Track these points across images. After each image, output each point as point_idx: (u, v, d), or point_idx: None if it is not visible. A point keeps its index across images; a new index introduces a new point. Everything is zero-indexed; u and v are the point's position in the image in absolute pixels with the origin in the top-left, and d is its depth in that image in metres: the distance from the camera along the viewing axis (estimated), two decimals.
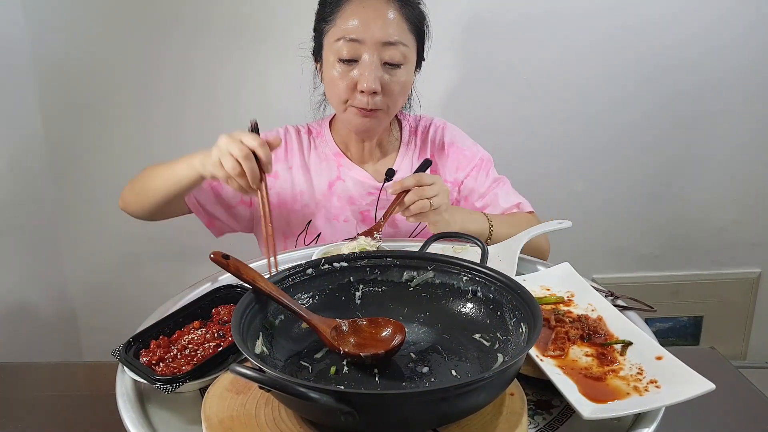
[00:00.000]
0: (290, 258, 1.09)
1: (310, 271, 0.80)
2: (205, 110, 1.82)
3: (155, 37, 1.74)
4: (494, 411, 0.66)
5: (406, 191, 1.07)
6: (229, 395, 0.68)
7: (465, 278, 0.80)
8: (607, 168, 1.98)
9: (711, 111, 1.93)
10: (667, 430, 0.68)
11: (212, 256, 0.74)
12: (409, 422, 0.59)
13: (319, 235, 1.31)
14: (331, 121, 1.37)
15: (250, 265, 0.75)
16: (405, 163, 1.34)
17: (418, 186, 1.07)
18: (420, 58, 1.26)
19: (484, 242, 0.89)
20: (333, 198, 1.31)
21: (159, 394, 0.73)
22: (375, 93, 1.16)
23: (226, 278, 0.97)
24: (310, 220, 1.31)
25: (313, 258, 0.87)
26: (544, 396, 0.74)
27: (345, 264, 0.82)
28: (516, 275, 0.97)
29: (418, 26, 1.21)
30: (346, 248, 1.05)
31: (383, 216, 1.14)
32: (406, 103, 1.34)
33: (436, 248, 0.99)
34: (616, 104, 1.91)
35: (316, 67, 1.29)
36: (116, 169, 1.85)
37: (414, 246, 1.00)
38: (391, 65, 1.17)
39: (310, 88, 1.35)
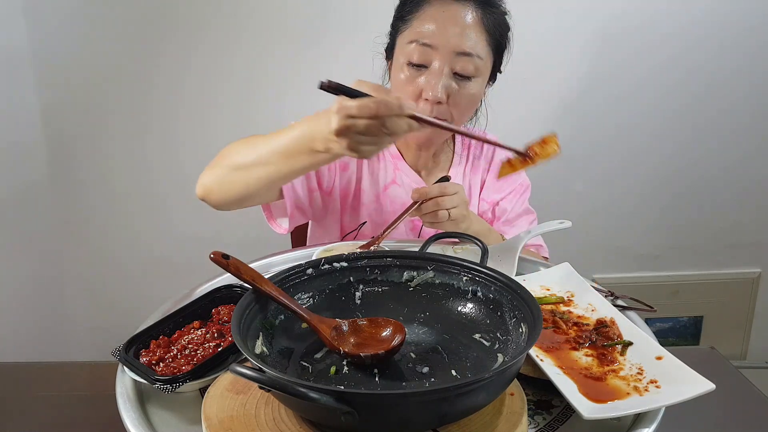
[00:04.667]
0: (290, 258, 1.09)
1: (310, 271, 0.80)
2: (206, 111, 1.82)
3: (155, 38, 1.74)
4: (494, 411, 0.66)
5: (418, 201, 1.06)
6: (229, 395, 0.68)
7: (465, 278, 0.80)
8: (607, 168, 1.98)
9: (711, 111, 1.93)
10: (667, 430, 0.68)
11: (212, 256, 0.74)
12: (409, 422, 0.59)
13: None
14: None
15: (250, 265, 0.75)
16: (457, 177, 1.30)
17: (441, 196, 1.06)
18: (496, 70, 1.21)
19: (484, 243, 0.89)
20: (386, 201, 1.26)
21: (159, 394, 0.73)
22: (439, 103, 1.10)
23: (226, 278, 0.97)
24: (365, 222, 1.26)
25: (313, 258, 0.87)
26: (544, 396, 0.74)
27: (345, 264, 0.82)
28: (516, 275, 0.97)
29: (498, 39, 1.15)
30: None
31: (385, 228, 1.10)
32: (473, 115, 1.27)
33: (436, 248, 0.99)
34: (616, 104, 1.91)
35: (387, 64, 1.24)
36: (116, 170, 1.85)
37: (414, 246, 1.00)
38: (461, 76, 1.11)
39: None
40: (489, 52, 1.14)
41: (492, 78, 1.22)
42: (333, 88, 0.79)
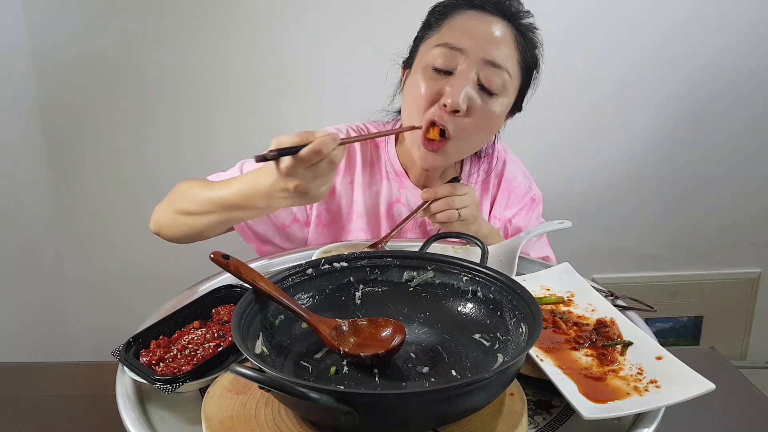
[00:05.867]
0: (290, 258, 1.09)
1: (310, 271, 0.80)
2: (205, 110, 1.82)
3: (155, 37, 1.74)
4: (494, 411, 0.66)
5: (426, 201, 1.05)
6: (229, 395, 0.68)
7: (465, 278, 0.80)
8: (608, 168, 1.98)
9: (711, 111, 1.93)
10: (667, 430, 0.68)
11: (212, 256, 0.74)
12: (409, 422, 0.59)
13: None
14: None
15: (250, 265, 0.75)
16: None
17: (450, 195, 1.04)
18: (520, 100, 1.13)
19: (484, 243, 0.89)
20: (389, 220, 1.21)
21: (159, 394, 0.73)
22: (456, 112, 1.02)
23: (226, 278, 0.97)
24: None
25: (313, 258, 0.87)
26: (544, 396, 0.74)
27: (345, 264, 0.82)
28: (516, 275, 0.96)
29: (527, 65, 1.09)
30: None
31: (393, 228, 1.09)
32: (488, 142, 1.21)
33: (436, 248, 0.98)
34: (617, 104, 1.91)
35: (402, 77, 1.17)
36: (116, 170, 1.85)
37: (414, 246, 1.00)
38: (486, 90, 1.03)
39: (388, 96, 1.23)
40: (518, 73, 1.08)
41: (515, 109, 1.15)
42: (272, 156, 0.81)
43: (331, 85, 1.81)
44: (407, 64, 1.14)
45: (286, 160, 0.81)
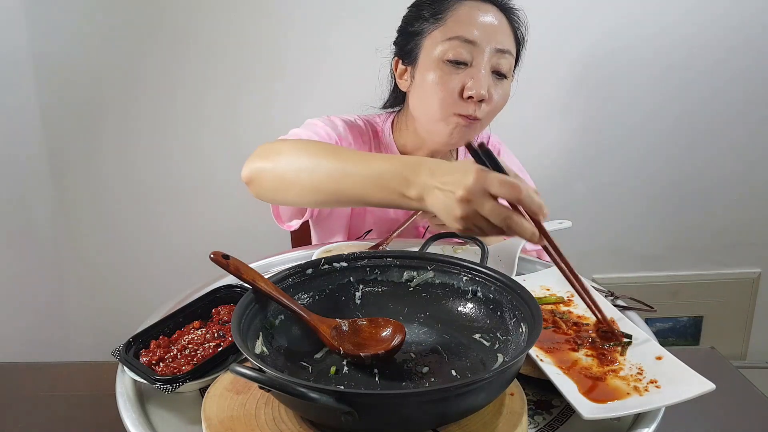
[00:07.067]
0: (290, 258, 1.09)
1: (310, 271, 0.80)
2: (204, 111, 1.82)
3: (156, 38, 1.74)
4: (494, 411, 0.66)
5: None
6: (229, 395, 0.68)
7: (465, 278, 0.80)
8: (608, 168, 1.98)
9: (712, 111, 1.93)
10: (667, 430, 0.68)
11: (212, 256, 0.74)
12: (409, 422, 0.59)
13: None
14: (392, 123, 1.27)
15: (250, 265, 0.75)
16: None
17: None
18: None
19: (484, 243, 0.89)
20: (390, 209, 1.23)
21: (159, 394, 0.73)
22: (482, 101, 1.09)
23: (226, 278, 0.97)
24: (371, 230, 1.24)
25: (313, 258, 0.87)
26: (544, 396, 0.74)
27: (345, 264, 0.82)
28: (516, 275, 0.97)
29: (518, 44, 1.16)
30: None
31: (393, 230, 1.10)
32: None
33: (436, 248, 0.98)
34: (617, 104, 1.91)
35: (395, 70, 1.20)
36: (116, 170, 1.86)
37: (414, 246, 1.00)
38: (498, 74, 1.11)
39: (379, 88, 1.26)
40: (515, 53, 1.15)
41: None
42: (484, 152, 0.68)
43: (333, 80, 1.81)
44: (408, 59, 1.16)
45: (490, 172, 0.69)
